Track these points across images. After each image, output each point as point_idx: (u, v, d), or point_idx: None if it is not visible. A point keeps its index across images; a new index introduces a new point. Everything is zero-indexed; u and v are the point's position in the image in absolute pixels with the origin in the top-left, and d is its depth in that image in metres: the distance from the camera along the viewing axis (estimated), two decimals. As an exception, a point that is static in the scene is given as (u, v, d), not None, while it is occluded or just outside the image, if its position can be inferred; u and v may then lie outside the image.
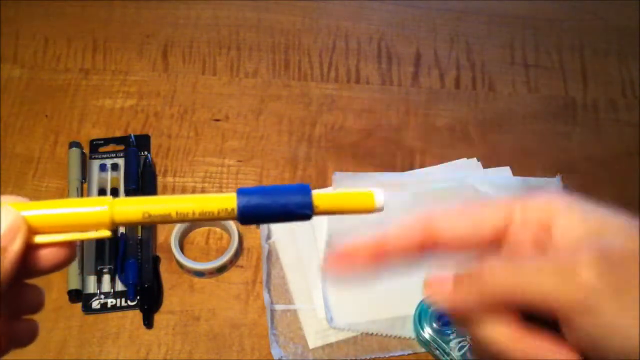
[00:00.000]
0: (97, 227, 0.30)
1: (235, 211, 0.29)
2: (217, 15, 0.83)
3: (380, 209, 0.30)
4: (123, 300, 0.64)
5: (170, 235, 0.66)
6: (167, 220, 0.30)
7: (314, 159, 0.73)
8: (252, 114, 0.76)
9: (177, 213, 0.30)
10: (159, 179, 0.71)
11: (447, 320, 0.61)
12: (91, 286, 0.64)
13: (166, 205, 0.30)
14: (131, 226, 0.26)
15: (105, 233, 0.30)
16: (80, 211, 0.30)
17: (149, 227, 0.67)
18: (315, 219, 0.69)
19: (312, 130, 0.75)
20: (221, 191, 0.70)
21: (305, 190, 0.30)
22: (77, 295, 0.63)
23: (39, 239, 0.29)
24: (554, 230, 0.30)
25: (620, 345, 0.26)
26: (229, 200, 0.29)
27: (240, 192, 0.30)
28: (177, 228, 0.66)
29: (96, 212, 0.30)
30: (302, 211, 0.30)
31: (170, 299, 0.64)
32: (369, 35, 0.83)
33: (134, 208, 0.30)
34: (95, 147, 0.72)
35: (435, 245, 0.31)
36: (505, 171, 0.73)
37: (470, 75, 0.81)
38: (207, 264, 0.65)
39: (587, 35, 0.85)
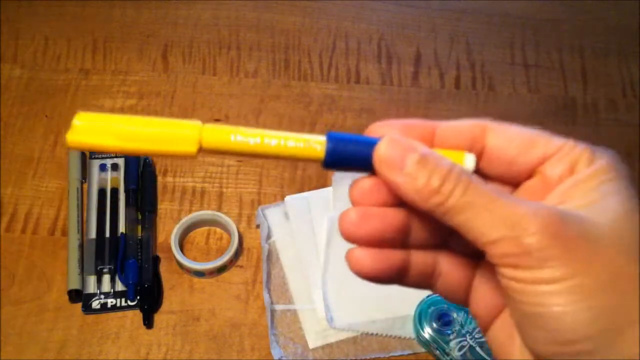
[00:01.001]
0: (184, 145, 0.30)
1: (324, 152, 0.29)
2: (217, 15, 0.83)
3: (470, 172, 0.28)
4: (123, 300, 0.64)
5: (170, 235, 0.66)
6: (251, 149, 0.29)
7: (314, 159, 0.73)
8: (252, 114, 0.76)
9: (263, 141, 0.29)
10: (159, 179, 0.71)
11: (447, 320, 0.61)
12: (91, 286, 0.64)
13: (255, 132, 0.29)
14: (217, 153, 0.26)
15: (192, 149, 0.30)
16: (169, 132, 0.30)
17: (149, 227, 0.67)
18: (314, 219, 0.68)
19: (312, 130, 0.75)
20: (221, 191, 0.71)
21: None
22: (77, 295, 0.63)
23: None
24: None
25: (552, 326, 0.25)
26: (318, 141, 0.29)
27: (331, 137, 0.29)
28: (177, 228, 0.66)
29: (185, 133, 0.30)
30: None
31: (170, 299, 0.64)
32: (369, 35, 0.83)
33: (223, 129, 0.30)
34: (95, 147, 0.72)
35: (482, 154, 0.30)
36: (505, 171, 0.73)
37: (470, 75, 0.81)
38: (207, 264, 0.65)
39: (587, 35, 0.85)
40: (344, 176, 0.70)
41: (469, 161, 0.29)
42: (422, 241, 0.30)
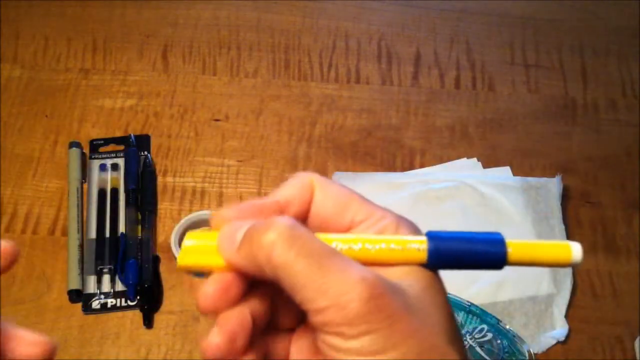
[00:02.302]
0: None
1: (426, 253, 0.28)
2: (217, 15, 0.83)
3: (577, 263, 0.28)
4: (123, 300, 0.64)
5: (170, 235, 0.66)
6: (353, 254, 0.28)
7: (314, 159, 0.73)
8: (252, 114, 0.76)
9: (363, 248, 0.28)
10: (159, 179, 0.71)
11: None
12: (91, 286, 0.64)
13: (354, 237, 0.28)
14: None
15: None
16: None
17: (149, 227, 0.67)
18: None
19: (312, 130, 0.75)
20: (221, 191, 0.71)
21: (499, 242, 0.28)
22: (77, 295, 0.63)
23: None
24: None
25: None
26: (419, 241, 0.28)
27: (431, 235, 0.28)
28: (177, 228, 0.66)
29: None
30: (495, 261, 0.28)
31: (170, 299, 0.64)
32: (369, 35, 0.83)
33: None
34: (95, 147, 0.72)
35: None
36: (505, 171, 0.73)
37: (470, 75, 0.81)
38: (207, 264, 0.64)
39: (587, 35, 0.85)
40: (344, 176, 0.71)
41: (576, 250, 0.28)
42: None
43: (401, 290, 0.26)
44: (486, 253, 0.28)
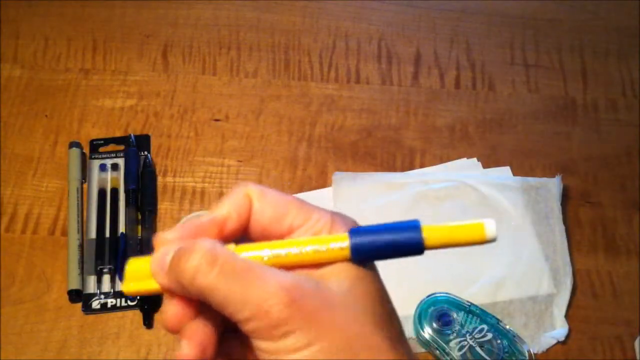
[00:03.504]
0: None
1: (349, 250, 0.29)
2: (217, 15, 0.83)
3: (492, 239, 0.29)
4: (123, 300, 0.64)
5: (170, 235, 0.66)
6: (281, 260, 0.30)
7: (314, 159, 0.73)
8: (252, 114, 0.76)
9: (289, 253, 0.30)
10: (159, 179, 0.71)
11: (447, 320, 0.61)
12: (91, 286, 0.64)
13: (282, 244, 0.30)
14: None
15: None
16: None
17: (149, 227, 0.67)
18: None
19: (312, 130, 0.75)
20: (221, 191, 0.71)
21: (415, 228, 0.29)
22: (77, 295, 0.63)
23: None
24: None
25: None
26: (341, 239, 0.30)
27: (352, 232, 0.30)
28: (177, 228, 0.66)
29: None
30: (413, 248, 0.29)
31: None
32: (369, 35, 0.83)
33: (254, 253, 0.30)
34: (95, 147, 0.72)
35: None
36: (505, 171, 0.73)
37: (470, 75, 0.81)
38: (207, 264, 0.64)
39: (587, 35, 0.85)
40: (344, 176, 0.71)
41: (489, 227, 0.29)
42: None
43: (324, 288, 0.28)
44: (404, 241, 0.29)
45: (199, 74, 0.78)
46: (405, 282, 0.65)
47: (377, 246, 0.29)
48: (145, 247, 0.65)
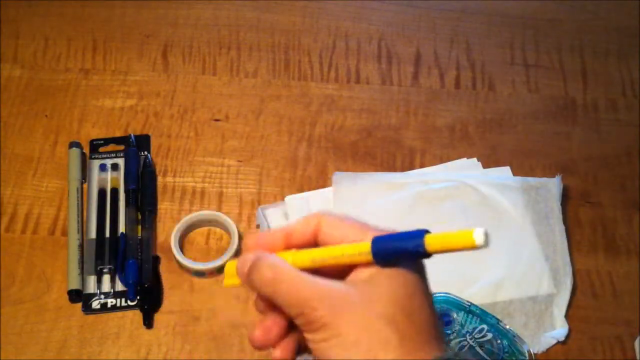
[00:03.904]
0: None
1: (370, 254, 0.36)
2: (217, 15, 0.83)
3: (482, 245, 0.33)
4: (123, 300, 0.64)
5: (170, 235, 0.66)
6: (324, 263, 0.38)
7: (314, 159, 0.73)
8: (252, 114, 0.76)
9: (330, 258, 0.38)
10: (159, 179, 0.71)
11: (447, 320, 0.61)
12: (91, 286, 0.64)
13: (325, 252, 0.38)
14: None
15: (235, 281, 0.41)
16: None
17: (149, 227, 0.67)
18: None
19: (312, 130, 0.75)
20: (221, 191, 0.71)
21: (420, 236, 0.35)
22: (77, 295, 0.63)
23: None
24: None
25: None
26: (366, 247, 0.37)
27: (374, 241, 0.36)
28: (177, 228, 0.66)
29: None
30: (418, 253, 0.35)
31: (170, 299, 0.64)
32: (369, 35, 0.83)
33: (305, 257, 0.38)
34: (95, 147, 0.72)
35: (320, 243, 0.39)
36: (505, 171, 0.73)
37: (470, 75, 0.81)
38: (207, 264, 0.65)
39: (587, 35, 0.85)
40: (344, 176, 0.71)
41: (477, 234, 0.33)
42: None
43: (350, 290, 0.36)
44: (412, 247, 0.35)
45: (199, 74, 0.78)
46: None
47: (392, 251, 0.36)
48: (145, 247, 0.65)
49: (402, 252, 0.36)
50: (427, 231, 0.35)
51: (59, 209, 0.69)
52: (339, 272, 0.38)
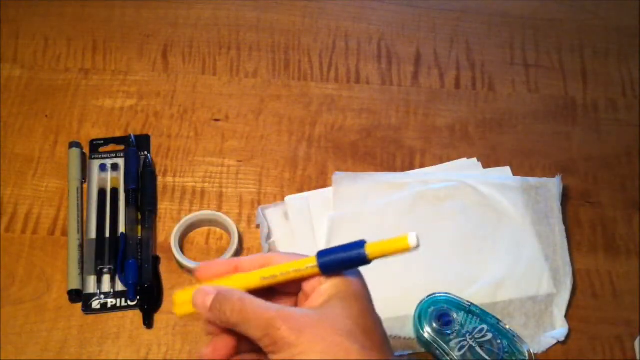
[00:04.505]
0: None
1: (317, 267, 0.41)
2: (217, 15, 0.83)
3: (415, 248, 0.38)
4: (123, 300, 0.64)
5: (170, 235, 0.66)
6: (275, 280, 0.42)
7: (314, 159, 0.74)
8: (252, 114, 0.76)
9: (279, 275, 0.42)
10: (159, 179, 0.71)
11: (447, 320, 0.61)
12: (91, 286, 0.64)
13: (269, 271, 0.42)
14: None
15: None
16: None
17: (149, 227, 0.67)
18: (314, 219, 0.69)
19: (312, 130, 0.75)
20: (221, 191, 0.71)
21: (360, 246, 0.40)
22: (77, 295, 0.63)
23: None
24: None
25: None
26: (312, 260, 0.41)
27: (319, 254, 0.41)
28: (177, 228, 0.66)
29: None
30: (361, 260, 0.40)
31: (170, 299, 0.64)
32: (369, 35, 0.83)
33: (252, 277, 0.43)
34: (95, 147, 0.72)
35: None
36: (505, 171, 0.73)
37: (470, 75, 0.81)
38: (207, 264, 0.64)
39: (587, 35, 0.85)
40: (344, 176, 0.71)
41: (411, 238, 0.38)
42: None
43: (308, 313, 0.40)
44: (355, 255, 0.40)
45: (199, 74, 0.78)
46: (406, 282, 0.65)
47: (337, 261, 0.40)
48: (145, 247, 0.65)
49: (346, 261, 0.40)
50: (365, 241, 0.40)
51: (59, 209, 0.69)
52: (291, 300, 0.43)
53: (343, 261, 0.40)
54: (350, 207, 0.69)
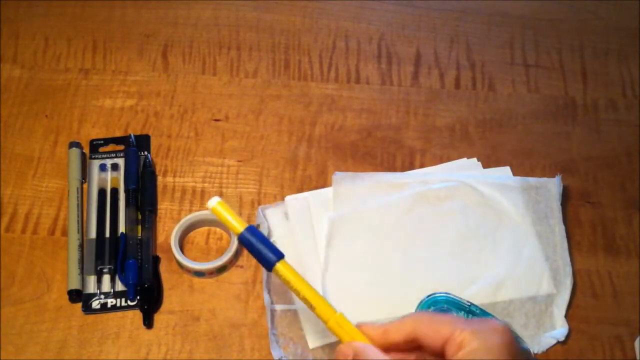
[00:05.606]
0: None
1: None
2: (217, 15, 0.83)
3: (208, 209, 0.48)
4: (123, 300, 0.64)
5: (170, 235, 0.66)
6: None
7: (314, 159, 0.74)
8: (252, 114, 0.76)
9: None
10: (159, 179, 0.71)
11: (447, 320, 0.61)
12: (91, 286, 0.64)
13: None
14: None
15: None
16: None
17: (149, 227, 0.67)
18: (314, 219, 0.69)
19: (312, 130, 0.75)
20: (221, 191, 0.71)
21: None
22: (77, 295, 0.63)
23: None
24: None
25: None
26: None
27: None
28: (177, 228, 0.66)
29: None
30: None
31: (170, 299, 0.64)
32: (369, 35, 0.83)
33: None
34: (95, 147, 0.72)
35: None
36: (505, 171, 0.73)
37: (470, 75, 0.81)
38: (207, 264, 0.65)
39: (587, 35, 0.85)
40: (344, 176, 0.71)
41: (209, 202, 0.48)
42: None
43: None
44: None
45: (199, 74, 0.78)
46: (406, 282, 0.65)
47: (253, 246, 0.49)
48: (145, 247, 0.65)
49: (258, 257, 0.49)
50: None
51: (59, 209, 0.69)
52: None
53: (254, 251, 0.48)
54: (350, 207, 0.69)
